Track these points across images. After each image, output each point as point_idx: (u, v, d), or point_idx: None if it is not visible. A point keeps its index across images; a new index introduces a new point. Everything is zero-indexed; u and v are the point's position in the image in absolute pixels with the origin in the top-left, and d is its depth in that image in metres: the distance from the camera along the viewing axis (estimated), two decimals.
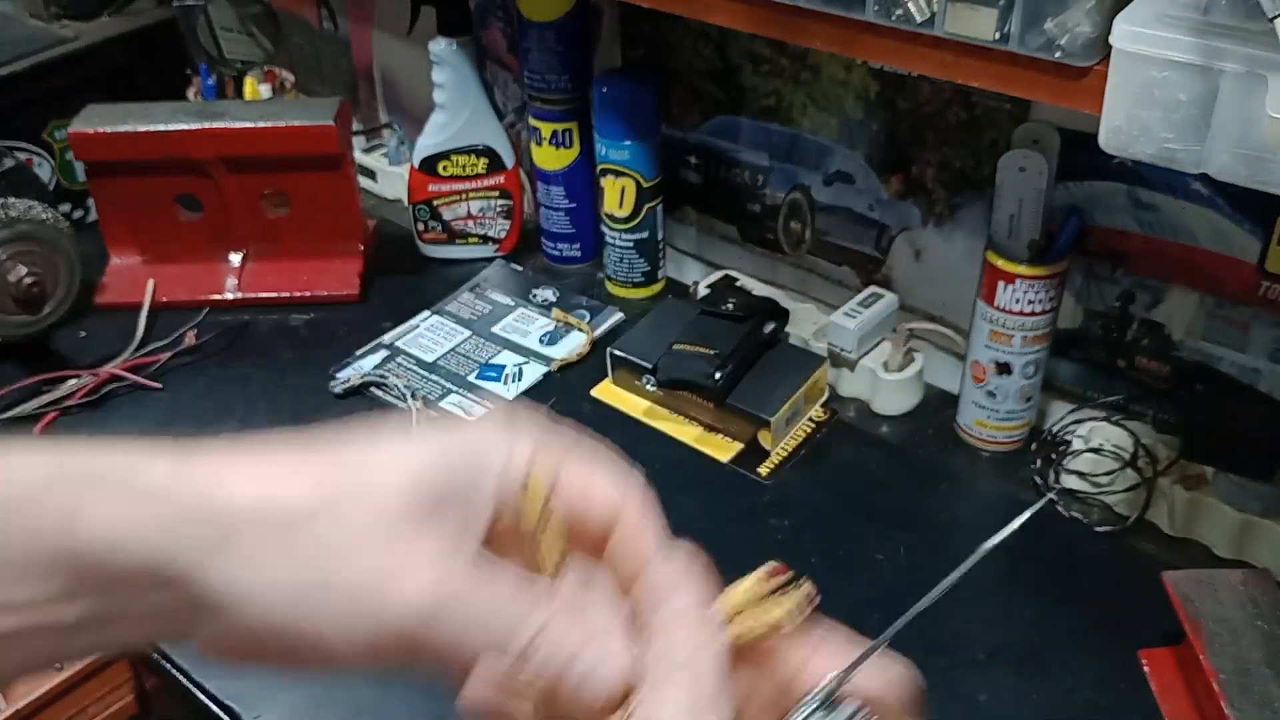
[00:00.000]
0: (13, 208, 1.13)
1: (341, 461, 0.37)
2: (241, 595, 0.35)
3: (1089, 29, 0.59)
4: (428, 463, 0.37)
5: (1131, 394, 0.98)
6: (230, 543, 0.34)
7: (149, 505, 0.34)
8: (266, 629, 0.35)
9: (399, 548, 0.35)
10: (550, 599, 0.37)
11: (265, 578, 0.35)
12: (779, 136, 1.11)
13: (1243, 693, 0.72)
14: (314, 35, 1.50)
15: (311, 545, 0.35)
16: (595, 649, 0.36)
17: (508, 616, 0.36)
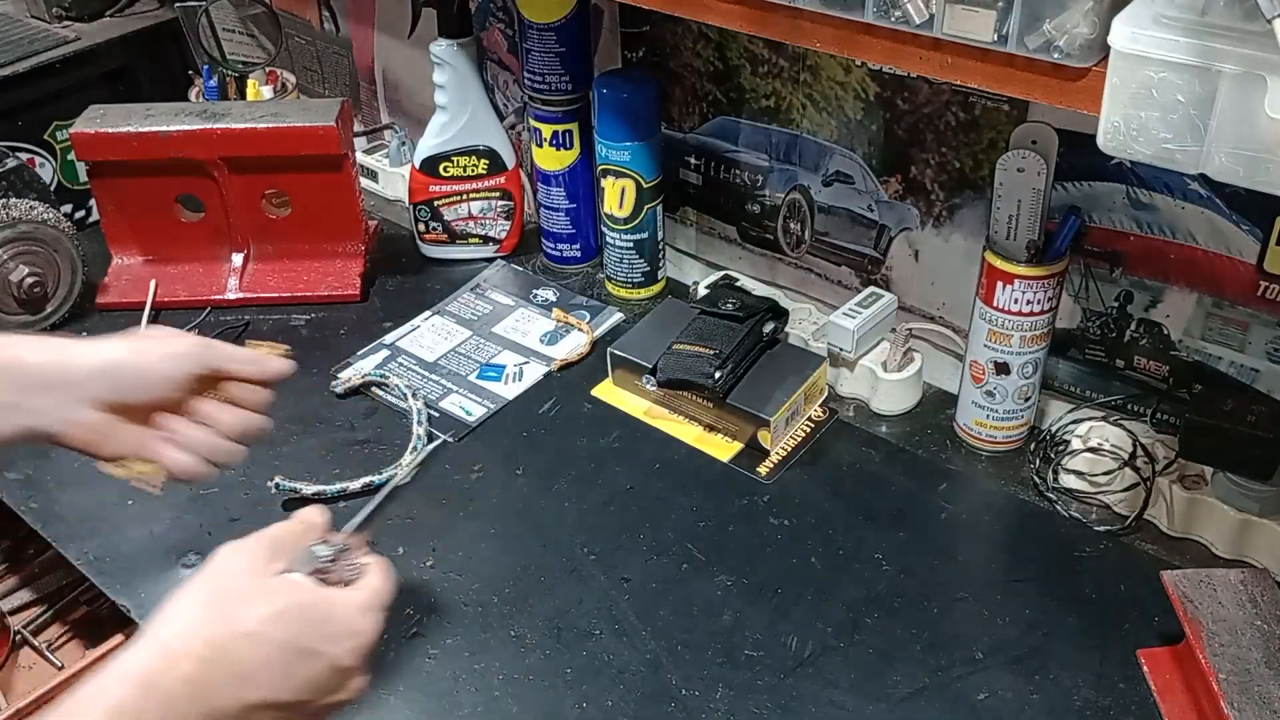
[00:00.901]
0: (14, 208, 1.13)
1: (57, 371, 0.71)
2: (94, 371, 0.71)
3: (1087, 30, 0.60)
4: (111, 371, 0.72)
5: (1130, 394, 0.98)
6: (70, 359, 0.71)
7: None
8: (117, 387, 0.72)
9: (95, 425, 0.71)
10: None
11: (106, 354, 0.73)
12: (778, 137, 1.11)
13: (1242, 692, 0.72)
14: (315, 36, 1.50)
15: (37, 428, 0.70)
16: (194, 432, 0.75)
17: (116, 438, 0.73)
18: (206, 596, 0.57)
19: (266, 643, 0.55)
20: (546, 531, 0.95)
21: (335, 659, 0.57)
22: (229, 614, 0.56)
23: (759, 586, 0.89)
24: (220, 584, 0.58)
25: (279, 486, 0.97)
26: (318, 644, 0.57)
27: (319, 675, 0.57)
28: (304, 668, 0.56)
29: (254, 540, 0.60)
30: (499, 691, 0.82)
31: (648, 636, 0.85)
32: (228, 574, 0.58)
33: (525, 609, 0.88)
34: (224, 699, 0.54)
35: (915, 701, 0.80)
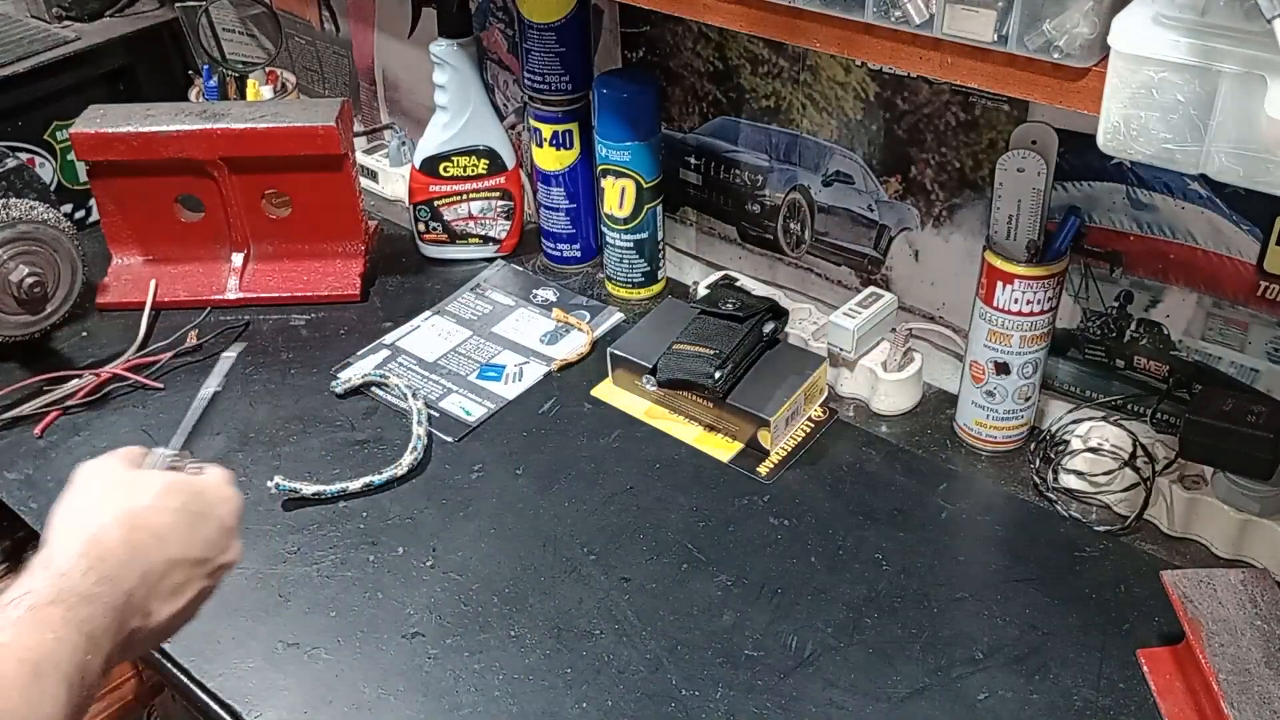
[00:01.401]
0: (14, 208, 1.13)
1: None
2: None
3: (1087, 30, 0.60)
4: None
5: (1130, 394, 0.98)
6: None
7: None
8: None
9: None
10: None
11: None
12: (778, 137, 1.11)
13: (1242, 692, 0.72)
14: (315, 36, 1.50)
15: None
16: None
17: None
18: (97, 490, 0.64)
19: (166, 510, 0.64)
20: (546, 531, 0.95)
21: (222, 519, 0.68)
22: (127, 495, 0.64)
23: (759, 586, 0.89)
24: (101, 480, 0.65)
25: (279, 487, 0.97)
26: (204, 508, 0.67)
27: (213, 534, 0.66)
28: (202, 528, 0.66)
29: (106, 456, 0.68)
30: (499, 691, 0.82)
31: (648, 636, 0.85)
32: (103, 471, 0.66)
33: (525, 609, 0.88)
34: (151, 557, 0.62)
35: (915, 701, 0.80)
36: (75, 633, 0.56)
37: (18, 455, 1.04)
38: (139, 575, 0.61)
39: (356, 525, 0.96)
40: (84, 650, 0.56)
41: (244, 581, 0.90)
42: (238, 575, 0.90)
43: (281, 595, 0.90)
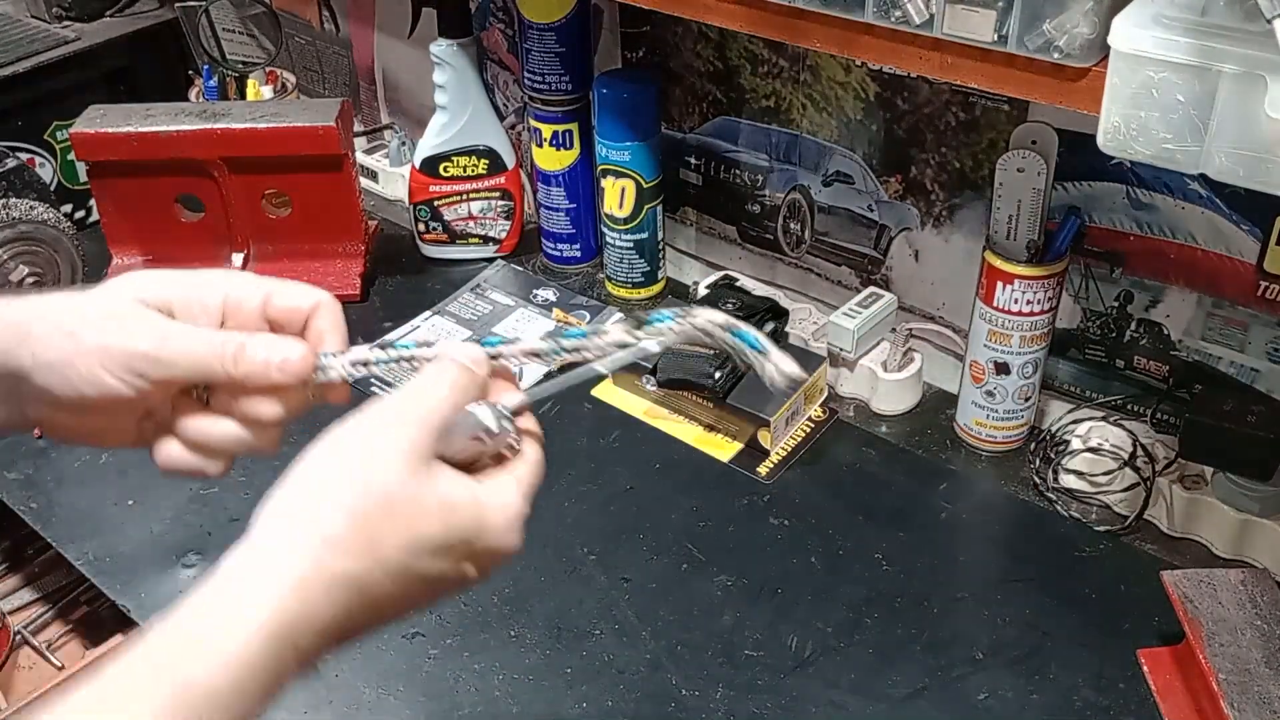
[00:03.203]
0: (14, 208, 1.13)
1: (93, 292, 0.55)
2: (33, 370, 0.53)
3: (1087, 30, 0.60)
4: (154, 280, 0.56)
5: (1130, 394, 0.98)
6: (22, 339, 0.53)
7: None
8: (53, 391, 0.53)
9: (127, 321, 0.54)
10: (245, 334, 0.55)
11: (41, 355, 0.53)
12: (778, 137, 1.11)
13: (1242, 692, 0.72)
14: (315, 36, 1.50)
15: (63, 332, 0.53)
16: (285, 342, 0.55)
17: (216, 339, 0.54)
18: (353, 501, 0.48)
19: (406, 575, 0.49)
20: (546, 531, 0.95)
21: (473, 578, 0.52)
22: (372, 536, 0.47)
23: (759, 586, 0.89)
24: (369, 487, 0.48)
25: None
26: (461, 569, 0.51)
27: (450, 589, 0.52)
28: (440, 589, 0.51)
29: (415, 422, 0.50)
30: (499, 691, 0.82)
31: (648, 636, 0.85)
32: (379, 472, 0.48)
33: (525, 609, 0.88)
34: (355, 625, 0.48)
35: (915, 701, 0.80)
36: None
37: (18, 455, 1.04)
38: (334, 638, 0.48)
39: None
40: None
41: None
42: None
43: None
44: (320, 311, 0.57)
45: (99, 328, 0.53)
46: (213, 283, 0.57)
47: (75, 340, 0.53)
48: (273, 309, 0.57)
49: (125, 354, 0.52)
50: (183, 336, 0.54)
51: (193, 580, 0.92)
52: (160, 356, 0.53)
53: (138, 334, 0.53)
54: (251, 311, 0.57)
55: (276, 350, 0.54)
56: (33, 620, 1.17)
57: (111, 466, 1.03)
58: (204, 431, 0.56)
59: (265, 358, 0.54)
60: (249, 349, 0.54)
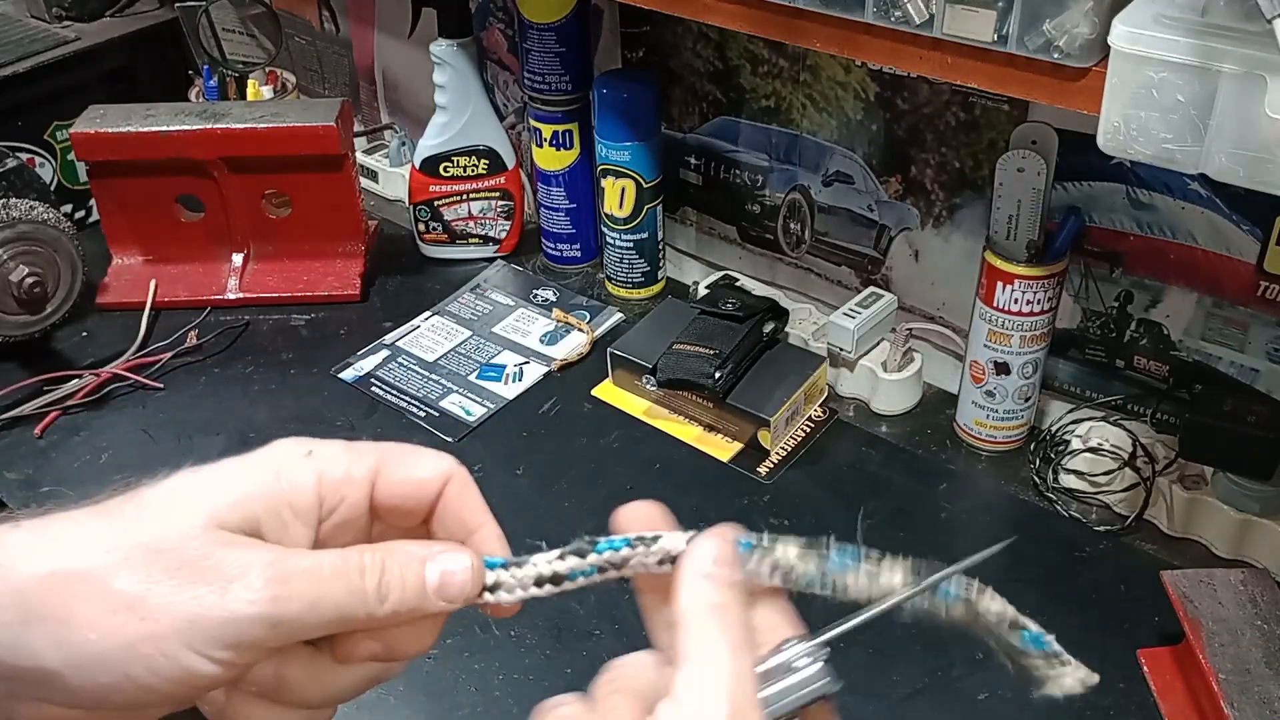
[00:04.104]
0: (14, 208, 1.13)
1: (136, 515, 0.37)
2: (64, 665, 0.35)
3: (1087, 30, 0.60)
4: (230, 482, 0.39)
5: (1130, 394, 0.98)
6: (35, 619, 0.35)
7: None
8: (98, 693, 0.36)
9: (213, 570, 0.36)
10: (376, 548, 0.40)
11: (81, 646, 0.35)
12: (778, 137, 1.11)
13: (1242, 692, 0.72)
14: (315, 36, 1.50)
15: (118, 603, 0.35)
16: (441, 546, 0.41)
17: (348, 566, 0.38)
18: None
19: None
20: (546, 531, 0.94)
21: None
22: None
23: None
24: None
25: None
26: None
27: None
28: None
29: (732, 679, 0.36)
30: (499, 691, 0.82)
31: (648, 637, 0.85)
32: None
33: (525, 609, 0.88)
34: None
35: (915, 701, 0.80)
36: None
37: (18, 455, 1.04)
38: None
39: None
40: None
41: None
42: None
43: None
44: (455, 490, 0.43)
45: (174, 589, 0.36)
46: (296, 466, 0.40)
47: (138, 618, 0.35)
48: (383, 492, 0.42)
49: (226, 624, 0.36)
50: (308, 579, 0.37)
51: None
52: (283, 617, 0.36)
53: (238, 587, 0.36)
54: (357, 502, 0.41)
55: (433, 569, 0.40)
56: None
57: (111, 466, 1.03)
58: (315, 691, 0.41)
59: (418, 584, 0.40)
60: (389, 575, 0.39)
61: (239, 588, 0.36)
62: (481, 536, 0.43)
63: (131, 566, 0.36)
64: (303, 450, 0.41)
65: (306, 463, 0.40)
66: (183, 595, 0.35)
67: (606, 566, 0.44)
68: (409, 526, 0.43)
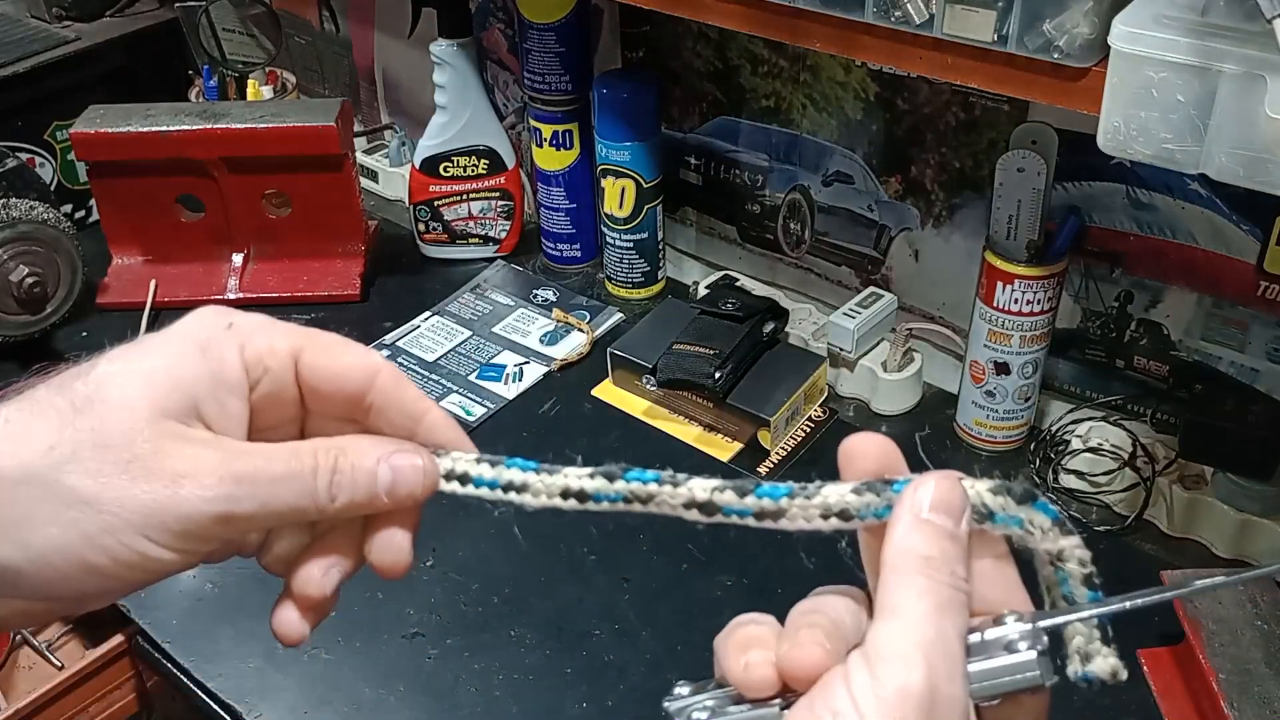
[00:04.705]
0: (14, 208, 1.13)
1: (73, 411, 0.37)
2: (24, 562, 0.36)
3: (1087, 30, 0.60)
4: (160, 376, 0.39)
5: (1130, 394, 0.98)
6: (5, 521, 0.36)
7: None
8: (60, 584, 0.37)
9: (164, 466, 0.37)
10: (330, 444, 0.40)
11: (40, 542, 0.36)
12: (778, 137, 1.11)
13: (1242, 693, 0.72)
14: (315, 36, 1.50)
15: (72, 499, 0.36)
16: (393, 446, 0.41)
17: (301, 476, 0.39)
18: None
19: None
20: (546, 531, 0.95)
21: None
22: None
23: (759, 586, 0.89)
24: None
25: None
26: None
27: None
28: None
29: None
30: (499, 691, 0.82)
31: (648, 637, 0.85)
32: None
33: (525, 609, 0.88)
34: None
35: None
36: None
37: None
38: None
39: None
40: None
41: (244, 581, 0.90)
42: (238, 575, 0.90)
43: None
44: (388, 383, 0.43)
45: (127, 484, 0.36)
46: (220, 341, 0.40)
47: (94, 512, 0.36)
48: (308, 373, 0.42)
49: (180, 518, 0.37)
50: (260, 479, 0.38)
51: (193, 580, 0.92)
52: (235, 513, 0.37)
53: (192, 479, 0.37)
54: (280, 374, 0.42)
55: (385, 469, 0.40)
56: None
57: None
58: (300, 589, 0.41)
59: (369, 482, 0.40)
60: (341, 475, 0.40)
61: (191, 484, 0.37)
62: (429, 423, 0.43)
63: (81, 463, 0.36)
64: (223, 323, 0.41)
65: (229, 335, 0.40)
66: (135, 489, 0.36)
67: (631, 498, 0.44)
68: (342, 418, 0.42)
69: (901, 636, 0.33)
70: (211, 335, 0.40)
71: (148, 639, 0.91)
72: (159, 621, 0.88)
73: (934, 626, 0.33)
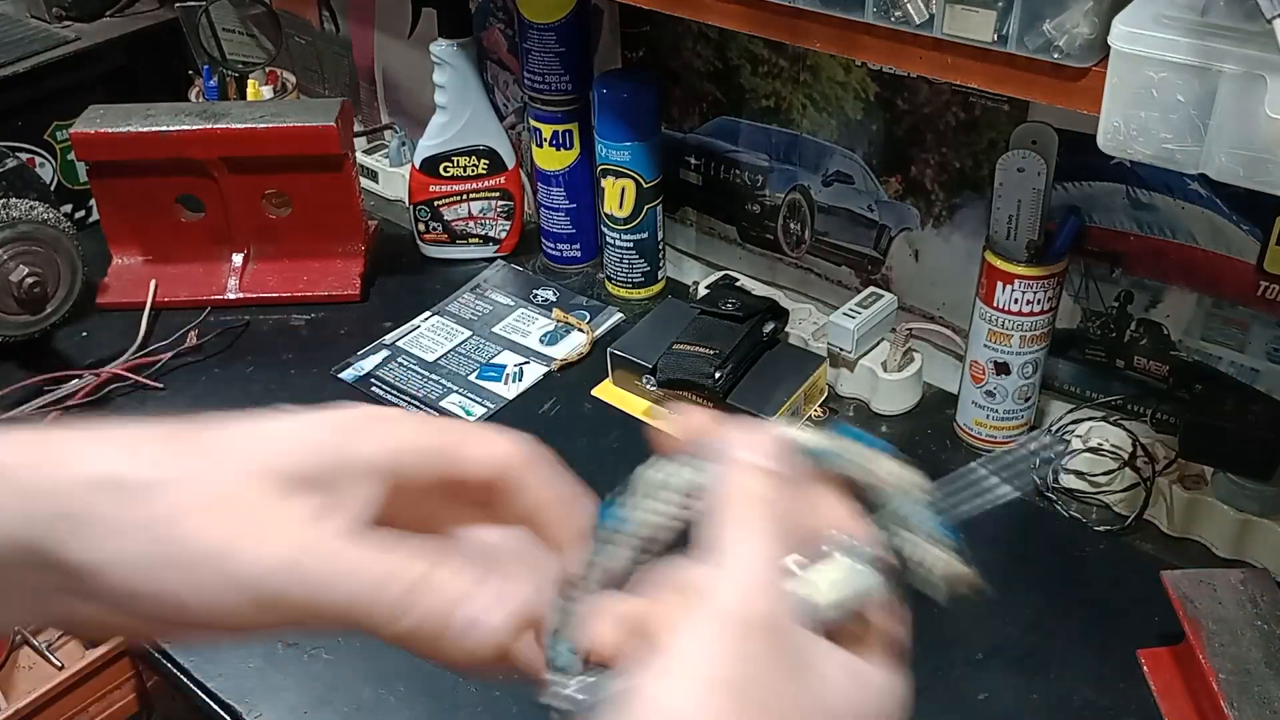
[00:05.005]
0: (14, 208, 1.13)
1: (200, 439, 0.37)
2: (99, 566, 0.35)
3: (1087, 30, 0.60)
4: (291, 436, 0.37)
5: (1130, 394, 0.98)
6: (84, 517, 0.35)
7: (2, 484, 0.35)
8: (128, 598, 0.36)
9: (254, 514, 0.36)
10: (435, 551, 0.36)
11: (119, 548, 0.35)
12: (778, 137, 1.11)
13: (1242, 693, 0.72)
14: (315, 36, 1.50)
15: (161, 514, 0.35)
16: (484, 593, 0.36)
17: (378, 570, 0.36)
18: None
19: None
20: None
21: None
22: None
23: None
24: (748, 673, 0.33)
25: None
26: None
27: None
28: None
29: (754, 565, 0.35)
30: (499, 691, 0.82)
31: None
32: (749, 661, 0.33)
33: None
34: None
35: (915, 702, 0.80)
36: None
37: None
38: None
39: None
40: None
41: None
42: None
43: None
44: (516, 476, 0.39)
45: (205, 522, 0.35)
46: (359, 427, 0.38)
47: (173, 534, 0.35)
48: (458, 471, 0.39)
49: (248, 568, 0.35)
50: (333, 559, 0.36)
51: None
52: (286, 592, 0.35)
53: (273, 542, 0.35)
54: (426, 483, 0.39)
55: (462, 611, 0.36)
56: None
57: None
58: None
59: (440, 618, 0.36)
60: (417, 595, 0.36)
61: (273, 539, 0.35)
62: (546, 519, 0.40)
63: (178, 486, 0.36)
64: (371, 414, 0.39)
65: (371, 426, 0.38)
66: (215, 529, 0.35)
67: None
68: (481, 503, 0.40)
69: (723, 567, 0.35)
70: (353, 421, 0.38)
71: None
72: None
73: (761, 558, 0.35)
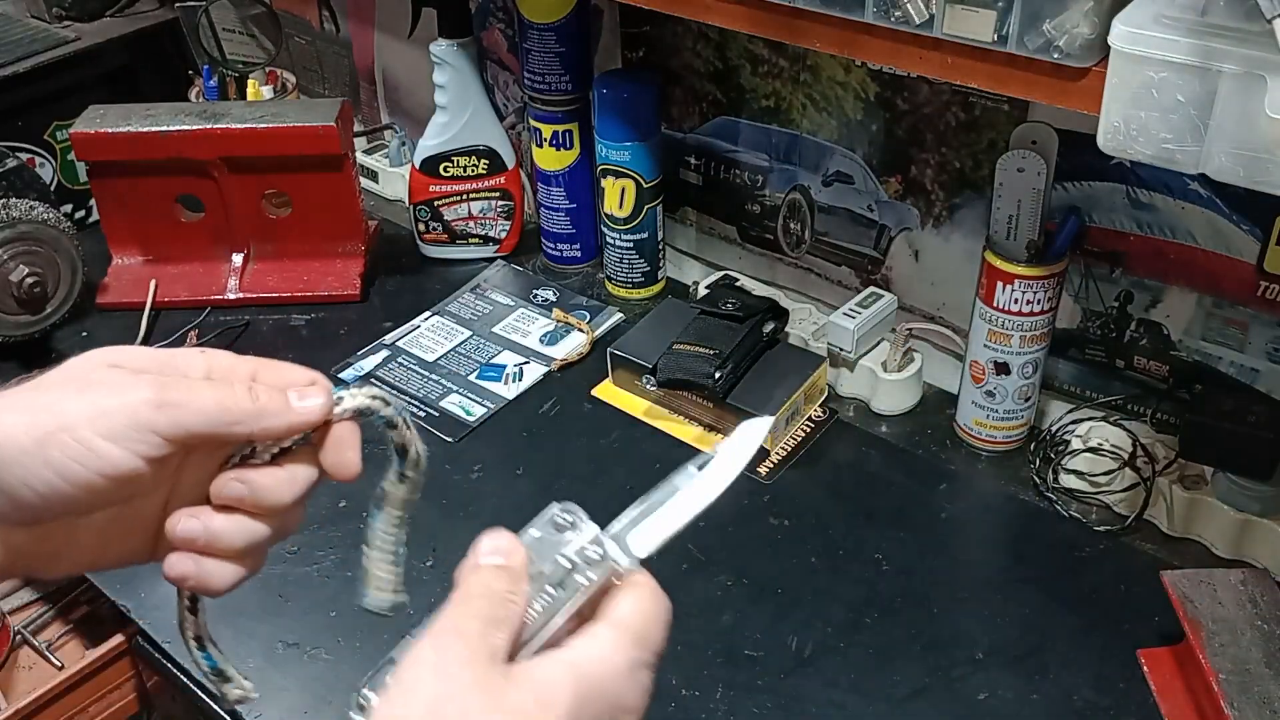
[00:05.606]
0: (14, 208, 1.13)
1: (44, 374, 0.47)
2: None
3: (1087, 30, 0.60)
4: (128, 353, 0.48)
5: (1130, 394, 0.98)
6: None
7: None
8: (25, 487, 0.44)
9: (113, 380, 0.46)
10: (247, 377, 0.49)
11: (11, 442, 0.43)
12: (778, 137, 1.11)
13: (1242, 692, 0.72)
14: (315, 36, 1.51)
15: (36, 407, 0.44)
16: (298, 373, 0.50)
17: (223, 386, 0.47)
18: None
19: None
20: None
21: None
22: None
23: (759, 586, 0.89)
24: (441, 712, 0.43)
25: None
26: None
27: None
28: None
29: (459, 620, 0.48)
30: None
31: None
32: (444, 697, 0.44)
33: None
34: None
35: (915, 701, 0.80)
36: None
37: None
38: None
39: (356, 525, 0.96)
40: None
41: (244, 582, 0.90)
42: None
43: (281, 595, 0.90)
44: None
45: (80, 393, 0.45)
46: (190, 357, 0.49)
47: (53, 413, 0.44)
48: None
49: (125, 410, 0.44)
50: (183, 384, 0.47)
51: None
52: (167, 399, 0.45)
53: (131, 387, 0.45)
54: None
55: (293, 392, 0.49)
56: (33, 620, 1.17)
57: None
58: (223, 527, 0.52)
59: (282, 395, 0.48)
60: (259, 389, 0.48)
61: (132, 387, 0.45)
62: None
63: (45, 386, 0.45)
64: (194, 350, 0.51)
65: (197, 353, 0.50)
66: (87, 396, 0.44)
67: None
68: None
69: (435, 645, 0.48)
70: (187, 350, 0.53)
71: (148, 639, 0.91)
72: (159, 621, 0.88)
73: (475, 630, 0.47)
